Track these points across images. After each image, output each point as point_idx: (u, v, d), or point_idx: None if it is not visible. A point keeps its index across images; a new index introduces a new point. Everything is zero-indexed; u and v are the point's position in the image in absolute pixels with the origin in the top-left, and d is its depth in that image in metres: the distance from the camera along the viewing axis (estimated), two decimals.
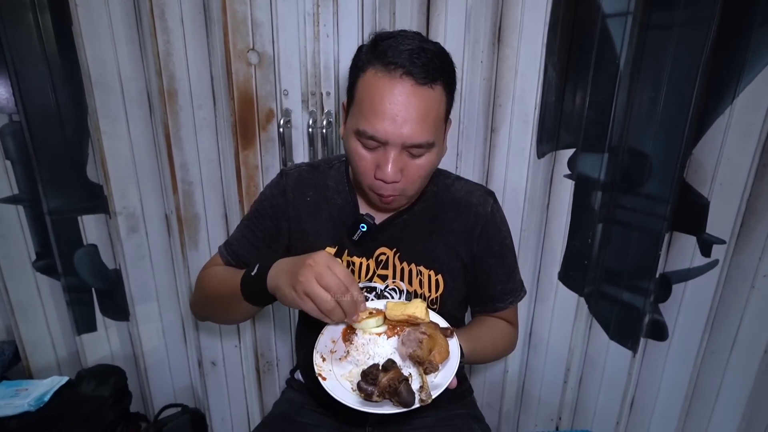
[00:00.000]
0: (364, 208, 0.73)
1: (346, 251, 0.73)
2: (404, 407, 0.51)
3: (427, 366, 0.55)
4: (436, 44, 0.61)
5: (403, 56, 0.57)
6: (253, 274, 0.61)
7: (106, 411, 1.06)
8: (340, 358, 0.60)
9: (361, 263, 0.72)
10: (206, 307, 0.75)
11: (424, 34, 0.94)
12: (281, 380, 1.23)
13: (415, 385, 0.54)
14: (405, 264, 0.72)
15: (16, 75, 0.99)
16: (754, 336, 0.91)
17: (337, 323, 0.60)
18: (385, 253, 0.73)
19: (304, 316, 0.83)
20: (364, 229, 0.69)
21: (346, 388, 0.55)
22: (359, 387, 0.53)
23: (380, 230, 0.72)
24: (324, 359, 0.59)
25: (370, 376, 0.53)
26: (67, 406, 1.03)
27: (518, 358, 1.17)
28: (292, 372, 0.89)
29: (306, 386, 0.84)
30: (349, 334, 0.62)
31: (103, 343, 1.22)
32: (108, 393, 1.09)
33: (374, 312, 0.63)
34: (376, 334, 0.61)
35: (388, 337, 0.61)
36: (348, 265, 0.73)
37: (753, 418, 0.95)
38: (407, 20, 0.92)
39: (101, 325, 1.21)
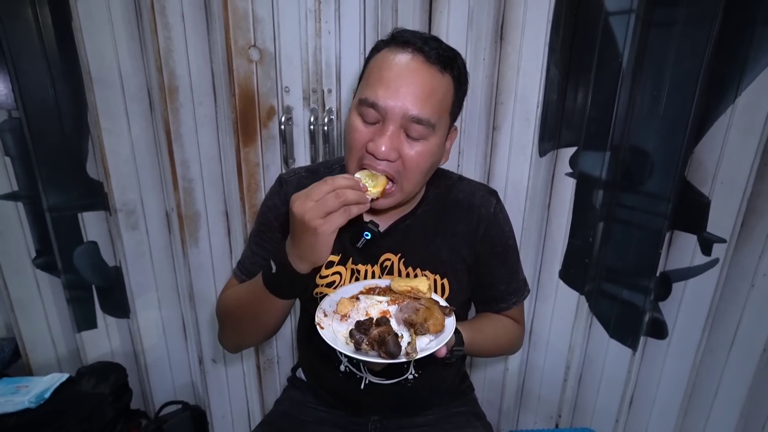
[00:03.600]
0: (366, 215, 0.70)
1: (350, 259, 0.71)
2: (389, 358, 0.52)
3: (418, 327, 0.56)
4: (453, 48, 0.63)
5: (417, 38, 0.59)
6: (273, 271, 0.59)
7: (106, 408, 1.07)
8: (341, 318, 0.61)
9: (366, 270, 0.72)
10: (237, 331, 0.71)
11: (426, 30, 0.94)
12: (282, 378, 1.23)
13: (404, 344, 0.56)
14: (410, 269, 0.72)
15: (15, 71, 0.98)
16: (752, 334, 0.91)
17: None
18: (389, 259, 0.72)
19: (305, 315, 0.83)
20: (368, 237, 0.67)
21: (340, 340, 0.56)
22: (350, 334, 0.55)
23: (384, 236, 0.70)
24: (326, 315, 0.61)
25: (362, 326, 0.55)
26: (68, 403, 1.03)
27: (518, 355, 1.17)
28: (294, 370, 0.89)
29: (308, 385, 0.84)
30: (352, 299, 0.64)
31: (104, 340, 1.22)
32: (108, 390, 1.09)
33: (381, 290, 0.65)
34: (378, 301, 0.63)
35: (389, 305, 0.63)
36: (352, 273, 0.72)
37: (751, 416, 0.95)
38: (409, 17, 0.92)
39: (101, 322, 1.21)
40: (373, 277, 0.72)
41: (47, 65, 1.00)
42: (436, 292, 0.72)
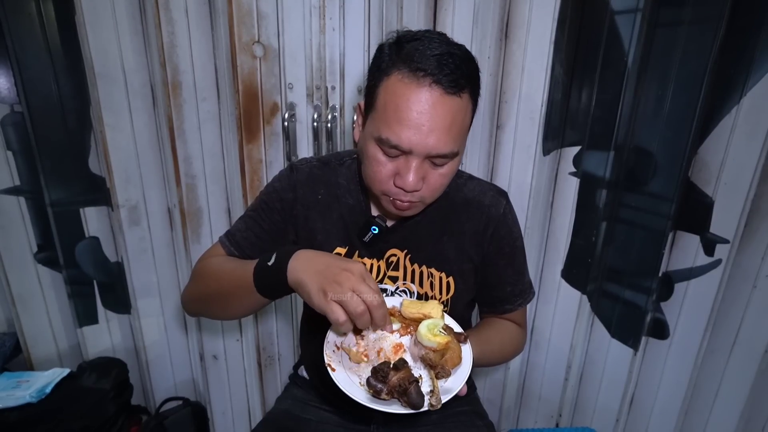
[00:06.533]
0: (375, 209, 0.72)
1: (356, 252, 0.71)
2: (412, 409, 0.50)
3: (439, 371, 0.54)
4: (461, 47, 0.59)
5: (431, 62, 0.54)
6: (270, 264, 0.58)
7: (107, 403, 1.07)
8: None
9: (371, 264, 0.71)
10: (204, 300, 0.70)
11: (430, 28, 0.94)
12: (283, 375, 1.24)
13: (425, 387, 0.53)
14: (416, 266, 0.71)
15: (18, 65, 0.98)
16: (754, 335, 0.91)
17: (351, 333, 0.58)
18: (395, 255, 0.71)
19: (308, 311, 0.83)
20: (375, 232, 0.68)
21: (354, 383, 0.54)
22: (368, 383, 0.52)
23: (391, 231, 0.70)
24: (335, 350, 0.59)
25: (380, 373, 0.52)
26: (69, 398, 1.03)
27: (520, 355, 1.16)
28: (296, 368, 0.89)
29: (310, 383, 0.84)
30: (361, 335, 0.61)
31: (105, 336, 1.22)
32: (109, 385, 1.09)
33: (389, 311, 0.63)
34: (389, 331, 0.61)
35: (401, 335, 0.61)
36: None
37: (752, 417, 0.95)
38: (414, 14, 0.92)
39: (102, 317, 1.20)
40: (378, 271, 0.72)
41: (50, 60, 0.99)
42: (441, 290, 0.72)
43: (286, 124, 0.98)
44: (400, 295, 0.72)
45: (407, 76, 0.55)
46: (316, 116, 1.00)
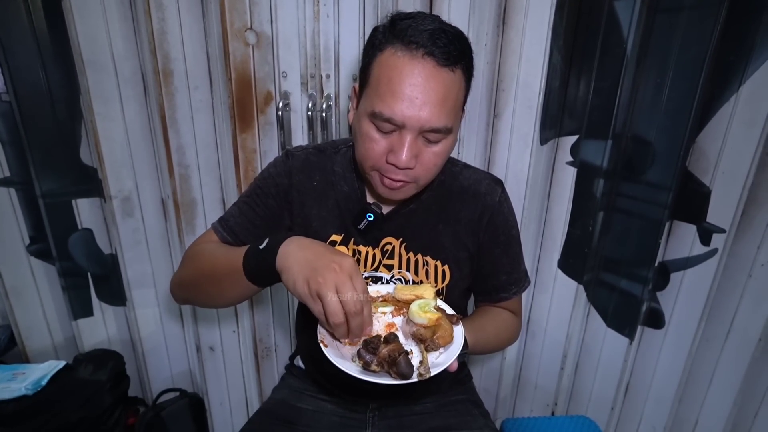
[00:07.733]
0: (370, 197, 0.72)
1: (352, 240, 0.71)
2: (402, 379, 0.51)
3: (428, 344, 0.55)
4: (455, 27, 0.59)
5: (424, 36, 0.55)
6: (261, 247, 0.57)
7: (104, 395, 1.07)
8: None
9: (366, 252, 0.71)
10: (194, 285, 0.69)
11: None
12: (280, 366, 1.24)
13: (414, 361, 0.54)
14: (411, 254, 0.71)
15: (4, 52, 0.95)
16: (748, 324, 0.92)
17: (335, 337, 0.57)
18: (391, 243, 0.71)
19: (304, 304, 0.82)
20: (371, 219, 0.68)
21: (346, 357, 0.55)
22: (359, 354, 0.53)
23: (386, 219, 0.70)
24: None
25: (371, 345, 0.53)
26: (65, 390, 1.03)
27: (516, 345, 1.17)
28: (292, 358, 0.89)
29: (306, 372, 0.84)
30: None
31: (100, 328, 1.21)
32: (106, 377, 1.08)
33: (383, 297, 0.63)
34: (382, 312, 0.61)
35: (393, 316, 0.62)
36: (353, 254, 0.71)
37: (744, 405, 0.96)
38: (410, 0, 0.90)
39: (98, 309, 1.20)
40: (374, 260, 0.71)
41: (37, 47, 0.97)
42: (437, 279, 0.72)
43: (280, 113, 0.97)
44: (395, 284, 0.72)
45: (400, 50, 0.56)
46: (310, 105, 0.98)
